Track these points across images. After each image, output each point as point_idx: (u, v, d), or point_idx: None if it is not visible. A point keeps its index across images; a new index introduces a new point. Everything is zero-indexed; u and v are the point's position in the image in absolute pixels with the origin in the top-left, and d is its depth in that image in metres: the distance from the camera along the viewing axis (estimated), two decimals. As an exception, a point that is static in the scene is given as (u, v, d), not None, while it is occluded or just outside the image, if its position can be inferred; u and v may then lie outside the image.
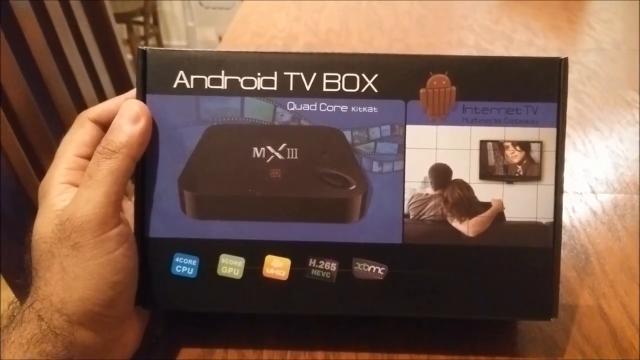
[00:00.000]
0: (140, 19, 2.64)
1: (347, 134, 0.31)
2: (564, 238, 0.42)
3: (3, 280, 0.48)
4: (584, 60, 0.73)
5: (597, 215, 0.45)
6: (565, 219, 0.44)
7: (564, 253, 0.41)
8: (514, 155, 0.31)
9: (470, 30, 0.83)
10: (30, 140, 0.54)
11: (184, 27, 2.93)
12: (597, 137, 0.56)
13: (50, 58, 0.59)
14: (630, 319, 0.35)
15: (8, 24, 0.52)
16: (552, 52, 0.32)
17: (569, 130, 0.57)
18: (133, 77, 0.28)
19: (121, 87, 0.75)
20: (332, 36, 0.81)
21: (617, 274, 0.39)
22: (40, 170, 0.55)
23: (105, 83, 0.73)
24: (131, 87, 0.32)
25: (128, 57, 0.78)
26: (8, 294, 0.40)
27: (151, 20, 2.74)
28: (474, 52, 0.75)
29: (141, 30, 2.70)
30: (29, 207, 0.50)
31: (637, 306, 0.36)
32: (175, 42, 2.96)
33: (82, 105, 0.66)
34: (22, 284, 0.30)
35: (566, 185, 0.48)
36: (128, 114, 0.30)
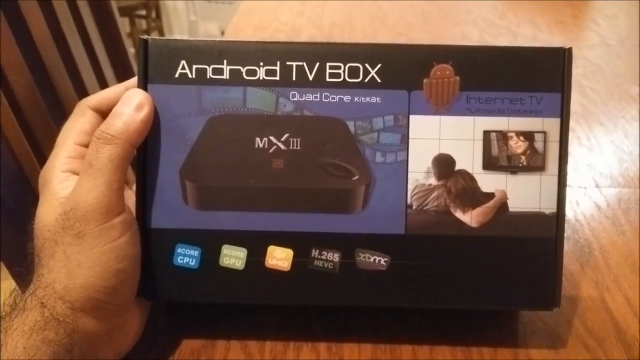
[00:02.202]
0: (143, 12, 2.64)
1: (350, 124, 0.31)
2: (568, 232, 0.42)
3: (4, 269, 0.48)
4: (589, 56, 0.73)
5: (601, 210, 0.45)
6: (570, 212, 0.44)
7: (568, 247, 0.40)
8: (518, 146, 0.31)
9: (475, 25, 0.83)
10: (33, 130, 0.54)
11: (187, 21, 2.93)
12: (601, 132, 0.56)
13: (54, 50, 0.59)
14: (633, 312, 0.35)
15: (12, 16, 0.52)
16: (556, 46, 0.32)
17: (573, 124, 0.57)
18: (136, 70, 0.28)
19: (124, 79, 0.75)
20: (335, 30, 0.81)
21: (621, 267, 0.39)
22: (43, 159, 0.55)
23: (109, 75, 0.73)
24: (134, 79, 0.32)
25: (131, 50, 0.78)
26: (10, 284, 0.40)
27: (154, 14, 2.74)
28: (478, 46, 0.75)
29: (144, 24, 2.70)
30: (30, 196, 0.50)
31: (640, 300, 0.36)
32: (178, 36, 2.95)
33: (84, 97, 0.65)
34: (24, 272, 0.30)
35: (570, 180, 0.48)
36: (131, 102, 0.30)
